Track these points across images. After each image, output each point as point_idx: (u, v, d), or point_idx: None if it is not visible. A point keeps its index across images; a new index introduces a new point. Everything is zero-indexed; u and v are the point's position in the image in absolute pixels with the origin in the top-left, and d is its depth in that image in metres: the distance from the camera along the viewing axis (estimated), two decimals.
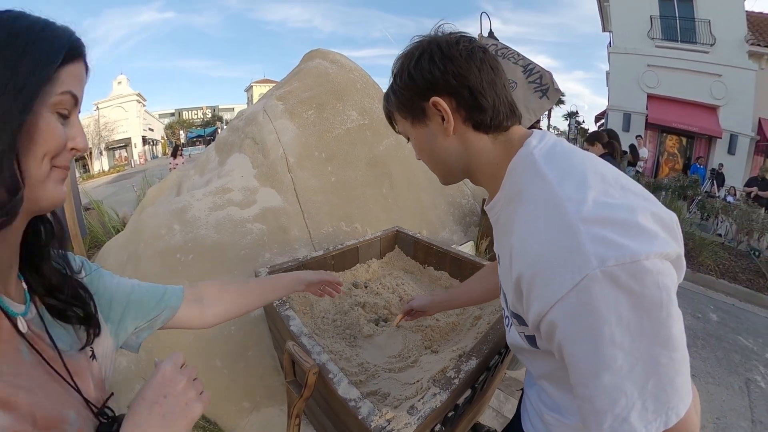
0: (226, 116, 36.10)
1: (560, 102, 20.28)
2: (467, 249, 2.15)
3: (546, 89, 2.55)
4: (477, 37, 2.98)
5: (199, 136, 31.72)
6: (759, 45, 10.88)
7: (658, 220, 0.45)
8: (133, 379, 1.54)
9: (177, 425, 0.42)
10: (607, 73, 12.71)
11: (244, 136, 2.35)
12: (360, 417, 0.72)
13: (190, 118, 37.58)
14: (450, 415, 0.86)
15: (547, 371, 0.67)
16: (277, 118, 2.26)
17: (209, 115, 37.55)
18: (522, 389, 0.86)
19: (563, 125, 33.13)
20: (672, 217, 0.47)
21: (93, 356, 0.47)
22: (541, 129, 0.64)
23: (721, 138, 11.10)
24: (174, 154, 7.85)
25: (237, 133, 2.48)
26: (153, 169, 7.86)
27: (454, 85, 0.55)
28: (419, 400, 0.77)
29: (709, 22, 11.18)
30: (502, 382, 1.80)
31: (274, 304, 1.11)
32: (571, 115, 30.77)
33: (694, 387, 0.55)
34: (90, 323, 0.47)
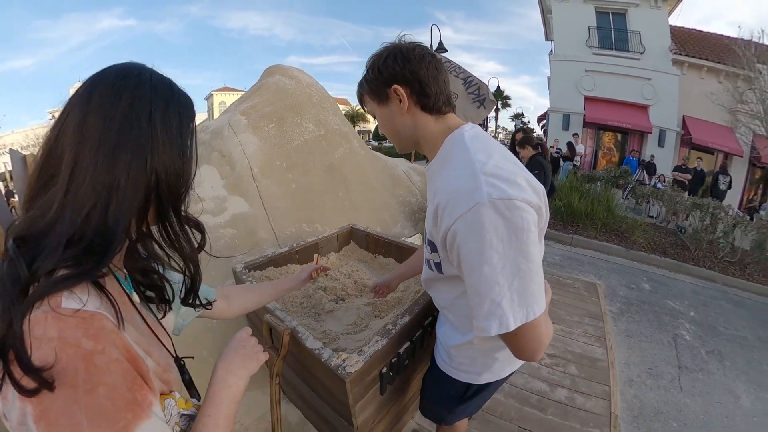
0: None
1: (507, 105, 21.50)
2: (416, 240, 2.50)
3: (483, 99, 2.88)
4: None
5: None
6: (680, 54, 12.43)
7: (531, 185, 0.70)
8: None
9: (251, 364, 0.67)
10: (549, 78, 13.78)
11: (211, 149, 2.57)
12: (323, 360, 1.03)
13: None
14: (394, 360, 1.17)
15: (450, 299, 0.95)
16: (241, 132, 2.51)
17: None
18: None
19: (510, 125, 35.38)
20: (541, 187, 0.73)
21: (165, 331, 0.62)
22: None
23: (651, 133, 12.53)
24: None
25: (204, 146, 2.70)
26: None
27: (408, 78, 0.78)
28: (365, 346, 1.08)
29: (639, 33, 12.59)
30: None
31: None
32: (518, 116, 33.32)
33: (549, 321, 0.78)
34: (166, 303, 0.63)
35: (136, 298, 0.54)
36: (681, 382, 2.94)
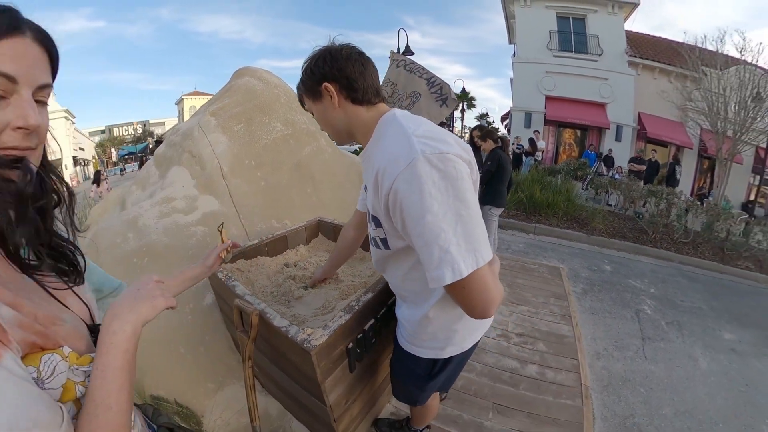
0: (157, 131, 33.11)
1: (472, 105, 22.06)
2: None
3: (445, 98, 2.95)
4: (390, 52, 3.37)
5: (131, 153, 28.82)
6: (635, 56, 13.06)
7: (459, 143, 0.75)
8: None
9: (142, 308, 0.53)
10: (512, 79, 14.17)
11: (182, 150, 2.51)
12: (290, 336, 1.01)
13: (121, 134, 34.09)
14: (360, 336, 1.17)
15: (400, 276, 0.97)
16: (211, 133, 2.46)
17: (140, 131, 34.25)
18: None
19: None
20: (469, 147, 0.78)
21: (78, 297, 0.57)
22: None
23: (609, 129, 13.01)
24: (96, 181, 6.89)
25: (175, 148, 2.64)
26: (88, 192, 7.14)
27: (337, 76, 0.83)
28: (330, 321, 1.08)
29: (597, 37, 13.10)
30: None
31: (222, 279, 1.35)
32: (483, 117, 34.25)
33: (499, 282, 0.80)
34: (76, 272, 0.57)
35: (24, 253, 0.48)
36: (645, 351, 3.07)
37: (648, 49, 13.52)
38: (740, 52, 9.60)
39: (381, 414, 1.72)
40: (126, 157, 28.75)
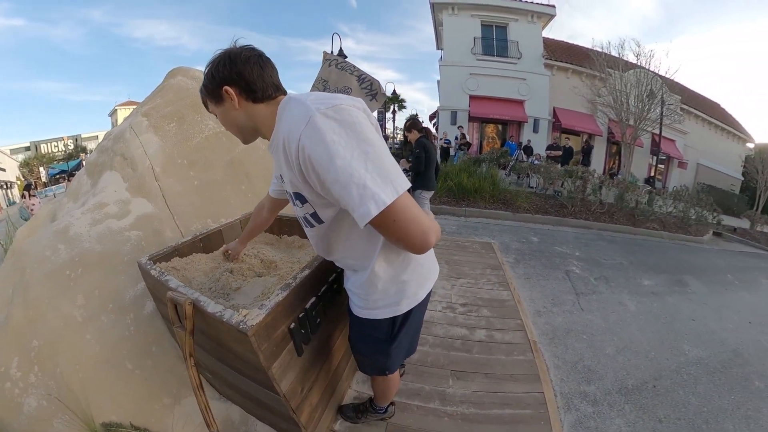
0: (90, 146, 28.50)
1: (403, 107, 22.78)
2: None
3: (375, 94, 2.94)
4: (323, 53, 3.28)
5: (63, 171, 24.31)
6: (551, 59, 14.11)
7: (352, 100, 0.73)
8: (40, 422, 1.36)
9: None
10: (438, 82, 14.62)
11: (113, 154, 2.23)
12: (225, 320, 0.87)
13: (50, 151, 28.60)
14: (301, 315, 1.05)
15: (341, 246, 0.91)
16: (143, 133, 2.20)
17: (71, 146, 29.03)
18: None
19: None
20: (363, 102, 0.75)
21: None
22: None
23: (527, 122, 13.84)
24: (27, 189, 6.51)
25: (107, 153, 2.34)
26: (14, 217, 6.26)
27: (235, 79, 0.80)
28: (266, 300, 0.95)
29: (517, 42, 13.87)
30: None
31: (155, 276, 1.16)
32: (413, 117, 37.04)
33: (432, 216, 0.83)
34: None
35: None
36: (580, 304, 3.27)
37: (562, 54, 14.63)
38: (637, 57, 11.45)
39: (344, 400, 1.61)
40: (58, 176, 24.40)
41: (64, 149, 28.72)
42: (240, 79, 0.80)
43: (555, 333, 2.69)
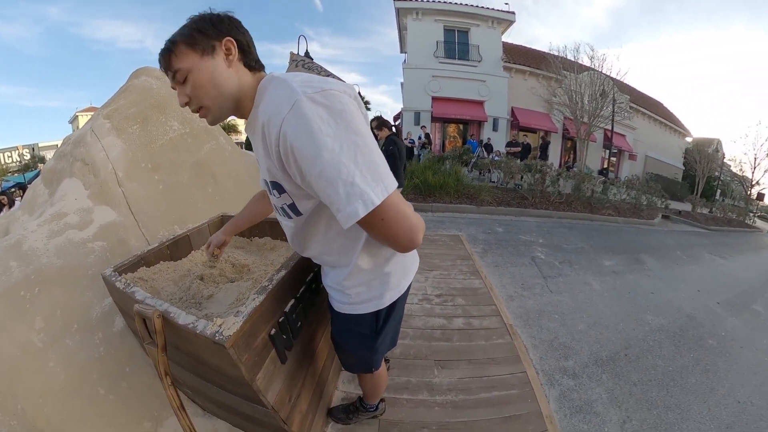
0: (49, 155, 24.44)
1: (368, 109, 22.91)
2: None
3: None
4: (290, 53, 3.16)
5: (19, 184, 22.25)
6: (510, 62, 14.49)
7: (341, 84, 0.63)
8: None
9: None
10: (402, 84, 14.65)
11: (73, 159, 1.99)
12: (198, 332, 0.76)
13: (4, 162, 25.32)
14: (282, 320, 0.95)
15: (320, 242, 0.81)
16: (105, 137, 1.98)
17: (27, 157, 25.58)
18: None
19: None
20: (353, 88, 0.66)
21: None
22: None
23: (487, 121, 14.19)
24: None
25: (66, 159, 2.10)
26: None
27: (238, 36, 0.70)
28: (242, 305, 0.84)
29: (478, 46, 14.10)
30: None
31: (121, 288, 1.01)
32: (380, 117, 38.17)
33: (418, 215, 0.70)
34: None
35: None
36: (549, 287, 3.36)
37: (520, 57, 15.07)
38: (591, 60, 12.07)
39: (332, 403, 1.51)
40: (12, 189, 21.79)
41: (19, 159, 25.25)
42: (242, 38, 0.71)
43: (528, 315, 2.73)
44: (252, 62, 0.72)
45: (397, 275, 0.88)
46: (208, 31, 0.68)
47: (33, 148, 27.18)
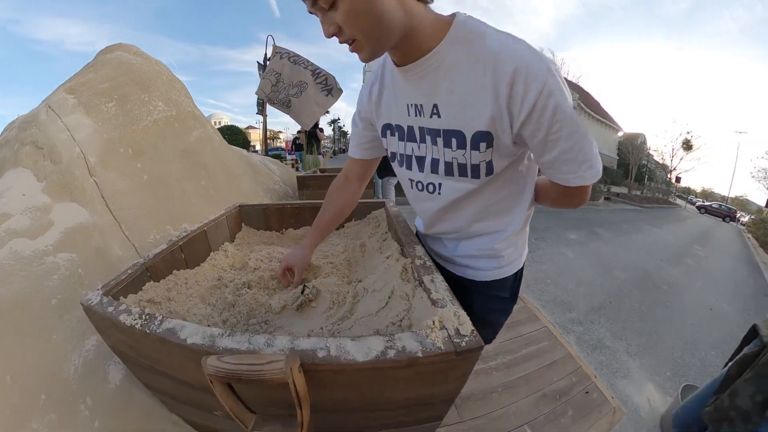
0: None
1: (326, 112, 22.80)
2: None
3: (330, 89, 2.73)
4: (273, 45, 2.85)
5: None
6: None
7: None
8: None
9: None
10: (363, 86, 15.16)
11: (19, 145, 1.36)
12: (428, 350, 0.43)
13: None
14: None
15: (485, 204, 0.69)
16: (69, 114, 1.42)
17: None
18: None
19: (328, 130, 40.59)
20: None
21: None
22: (322, 131, 0.79)
23: None
24: None
25: (8, 145, 1.45)
26: None
27: None
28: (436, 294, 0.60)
29: None
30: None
31: (137, 327, 0.55)
32: (334, 122, 39.74)
33: None
34: None
35: None
36: (534, 259, 3.93)
37: None
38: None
39: None
40: None
41: None
42: None
43: (527, 283, 3.06)
44: None
45: (528, 233, 0.84)
46: None
47: None
